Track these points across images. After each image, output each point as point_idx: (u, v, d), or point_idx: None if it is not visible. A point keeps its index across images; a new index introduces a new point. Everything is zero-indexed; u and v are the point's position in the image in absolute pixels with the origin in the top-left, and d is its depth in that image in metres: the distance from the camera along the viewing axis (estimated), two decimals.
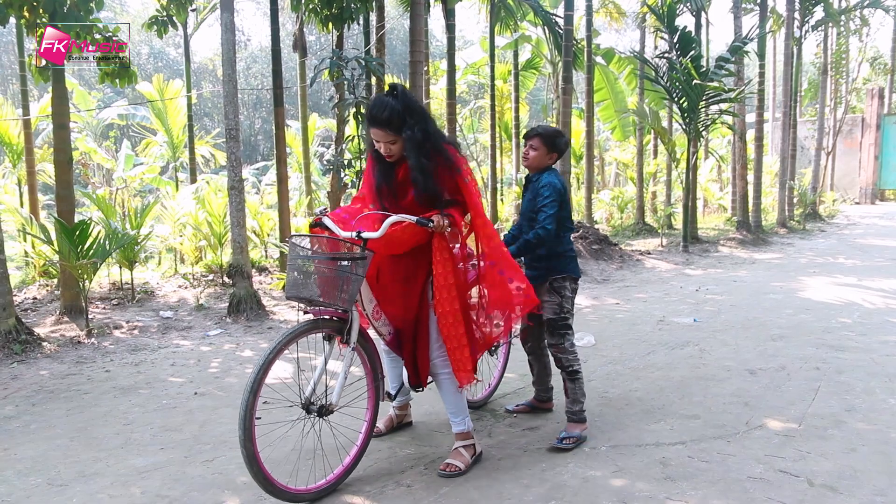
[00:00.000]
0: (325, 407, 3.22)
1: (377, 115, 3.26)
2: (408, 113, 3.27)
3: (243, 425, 2.90)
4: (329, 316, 3.25)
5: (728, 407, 4.32)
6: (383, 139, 3.31)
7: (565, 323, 3.87)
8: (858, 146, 27.14)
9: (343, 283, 3.13)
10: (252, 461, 2.92)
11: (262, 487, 3.00)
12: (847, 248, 13.28)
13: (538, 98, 30.65)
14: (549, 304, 3.86)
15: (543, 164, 3.90)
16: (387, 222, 3.23)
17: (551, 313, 3.86)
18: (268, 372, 3.01)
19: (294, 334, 3.12)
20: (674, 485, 3.25)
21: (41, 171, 13.67)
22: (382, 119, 3.25)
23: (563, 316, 3.86)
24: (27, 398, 4.83)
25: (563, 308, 3.86)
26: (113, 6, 38.10)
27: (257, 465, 2.94)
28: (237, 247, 7.39)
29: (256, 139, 44.05)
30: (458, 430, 3.56)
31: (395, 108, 3.25)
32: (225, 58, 7.43)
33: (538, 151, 3.87)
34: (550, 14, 14.55)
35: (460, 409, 3.55)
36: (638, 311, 7.55)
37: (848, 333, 6.23)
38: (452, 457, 3.50)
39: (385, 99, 3.29)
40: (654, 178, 19.27)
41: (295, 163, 19.82)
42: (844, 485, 3.23)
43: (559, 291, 3.86)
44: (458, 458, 3.48)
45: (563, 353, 3.86)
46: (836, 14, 19.37)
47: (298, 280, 3.18)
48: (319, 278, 3.16)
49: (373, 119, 3.29)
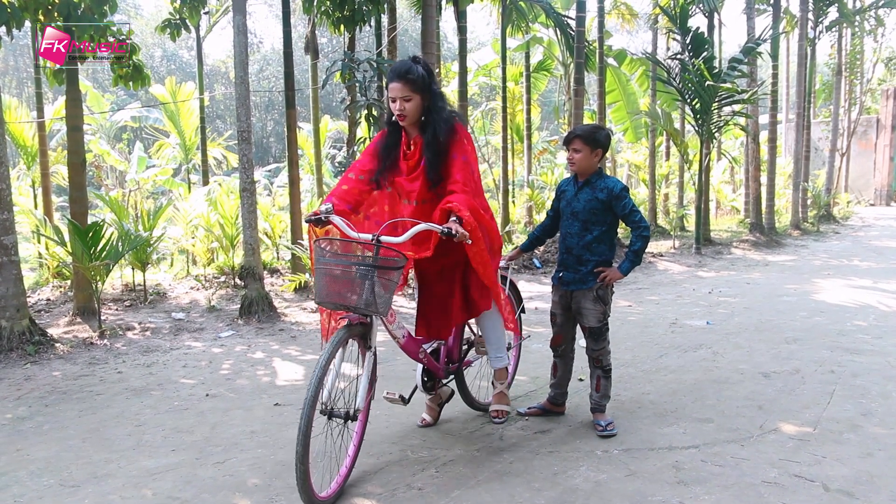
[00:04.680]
0: (349, 413, 3.20)
1: (399, 69, 3.42)
2: (429, 76, 3.47)
3: (303, 441, 2.88)
4: (357, 321, 3.25)
5: (742, 410, 4.28)
6: (400, 94, 3.40)
7: (607, 327, 3.91)
8: (873, 147, 26.93)
9: (376, 288, 3.11)
10: (305, 479, 2.91)
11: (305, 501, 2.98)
12: (862, 250, 13.16)
13: (550, 100, 30.59)
14: (594, 312, 3.85)
15: (591, 163, 3.84)
16: (412, 231, 3.25)
17: (595, 322, 3.85)
18: (322, 384, 3.01)
19: (339, 342, 3.11)
20: (687, 489, 3.22)
21: (55, 173, 13.78)
22: (402, 72, 3.40)
23: (605, 322, 3.89)
24: (40, 399, 4.85)
25: (605, 315, 3.87)
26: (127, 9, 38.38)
27: (308, 483, 2.93)
28: (249, 248, 7.41)
29: (268, 141, 44.22)
30: (499, 365, 3.93)
31: (417, 68, 3.43)
32: (237, 60, 7.46)
33: (581, 153, 3.80)
34: (562, 16, 14.52)
35: (502, 345, 3.91)
36: (650, 313, 7.50)
37: (863, 336, 6.17)
38: (498, 401, 3.90)
39: (408, 60, 3.49)
40: (666, 180, 19.18)
41: (307, 165, 19.86)
42: (861, 490, 3.19)
43: (604, 299, 3.85)
44: (504, 402, 3.90)
45: (604, 356, 3.92)
46: (851, 14, 19.22)
47: (331, 285, 3.15)
48: (355, 284, 3.11)
49: (394, 72, 3.43)
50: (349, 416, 3.20)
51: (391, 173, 3.61)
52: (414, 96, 3.41)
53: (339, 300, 3.14)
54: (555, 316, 4.05)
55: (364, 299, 3.10)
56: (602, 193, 3.79)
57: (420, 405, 4.23)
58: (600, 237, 3.83)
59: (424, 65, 3.49)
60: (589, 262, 3.83)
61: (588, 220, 3.83)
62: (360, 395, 3.26)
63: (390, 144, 3.60)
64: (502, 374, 3.96)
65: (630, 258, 3.76)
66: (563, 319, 4.01)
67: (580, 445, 3.78)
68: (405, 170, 3.60)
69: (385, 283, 3.14)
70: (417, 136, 3.56)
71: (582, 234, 3.85)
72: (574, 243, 3.88)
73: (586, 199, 3.83)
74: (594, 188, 3.82)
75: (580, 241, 3.85)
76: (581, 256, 3.85)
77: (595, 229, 3.83)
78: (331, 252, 3.23)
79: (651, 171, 16.87)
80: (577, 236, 3.87)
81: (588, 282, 3.84)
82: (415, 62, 3.47)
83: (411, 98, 3.40)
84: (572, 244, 3.89)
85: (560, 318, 4.02)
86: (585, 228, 3.84)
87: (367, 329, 3.29)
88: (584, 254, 3.84)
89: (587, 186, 3.85)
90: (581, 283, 3.85)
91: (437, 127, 3.46)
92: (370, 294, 3.09)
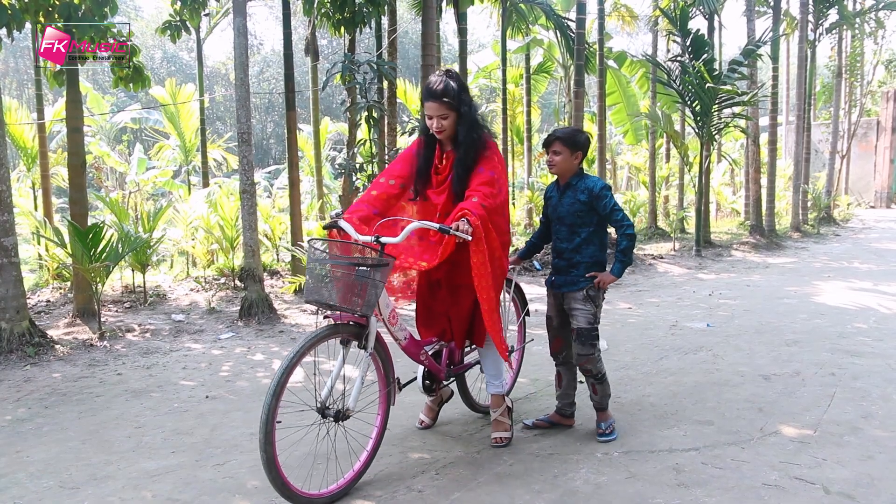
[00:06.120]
0: (341, 412, 3.21)
1: (434, 87, 3.44)
2: (463, 91, 3.48)
3: (265, 429, 2.89)
4: (348, 321, 3.25)
5: (742, 413, 4.28)
6: (436, 113, 3.45)
7: (596, 332, 3.83)
8: (873, 149, 26.93)
9: (361, 288, 3.12)
10: (271, 465, 2.92)
11: (279, 491, 2.99)
12: (862, 253, 13.15)
13: (550, 102, 30.62)
14: (584, 312, 3.80)
15: (571, 166, 3.83)
16: (407, 228, 3.26)
17: (585, 323, 3.80)
18: (290, 376, 3.02)
19: (315, 339, 3.12)
20: (687, 491, 3.22)
21: (55, 174, 13.77)
22: (438, 91, 3.42)
23: (595, 326, 3.82)
24: (40, 400, 4.85)
25: (596, 318, 3.82)
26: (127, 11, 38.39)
27: (276, 469, 2.94)
28: (249, 250, 7.41)
29: (268, 143, 44.21)
30: (494, 391, 3.89)
31: (452, 84, 3.45)
32: (237, 62, 7.46)
33: (561, 155, 3.80)
34: (562, 18, 14.53)
35: (499, 372, 3.89)
36: (650, 315, 7.50)
37: (864, 339, 6.16)
38: (496, 428, 3.83)
39: (442, 75, 3.49)
40: (666, 182, 19.17)
41: (307, 166, 19.84)
42: (861, 493, 3.19)
43: (594, 300, 3.81)
44: (502, 429, 3.83)
45: (593, 364, 3.83)
46: (851, 16, 19.21)
47: (318, 284, 3.18)
48: (338, 283, 3.15)
49: (430, 92, 3.45)
50: (340, 416, 3.21)
51: (424, 185, 3.67)
52: (450, 114, 3.47)
53: (322, 298, 3.17)
54: (550, 319, 4.03)
55: (350, 298, 3.11)
56: (583, 195, 3.77)
57: (417, 407, 4.23)
58: (588, 239, 3.81)
59: (457, 78, 3.53)
60: (580, 265, 3.82)
61: (574, 223, 3.82)
62: (353, 396, 3.26)
63: (427, 155, 3.65)
64: (497, 401, 3.90)
65: (619, 258, 3.73)
66: (559, 322, 3.98)
67: (580, 448, 3.78)
68: (434, 183, 3.66)
69: (371, 283, 3.13)
70: (450, 151, 3.62)
71: (570, 237, 3.84)
72: (563, 247, 3.87)
73: (569, 203, 3.83)
74: (575, 190, 3.81)
75: (569, 244, 3.84)
76: (571, 259, 3.83)
77: (582, 231, 3.81)
78: (321, 251, 3.27)
79: (651, 173, 16.87)
80: (566, 240, 3.86)
81: (579, 283, 3.82)
82: (448, 76, 3.50)
83: (447, 116, 3.47)
84: (562, 248, 3.88)
85: (556, 321, 4.00)
86: (573, 232, 3.82)
87: (362, 330, 3.29)
88: (574, 257, 3.83)
89: (569, 190, 3.85)
90: (573, 285, 3.84)
91: (469, 143, 3.51)
92: (356, 294, 3.11)
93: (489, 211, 3.40)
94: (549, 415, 4.16)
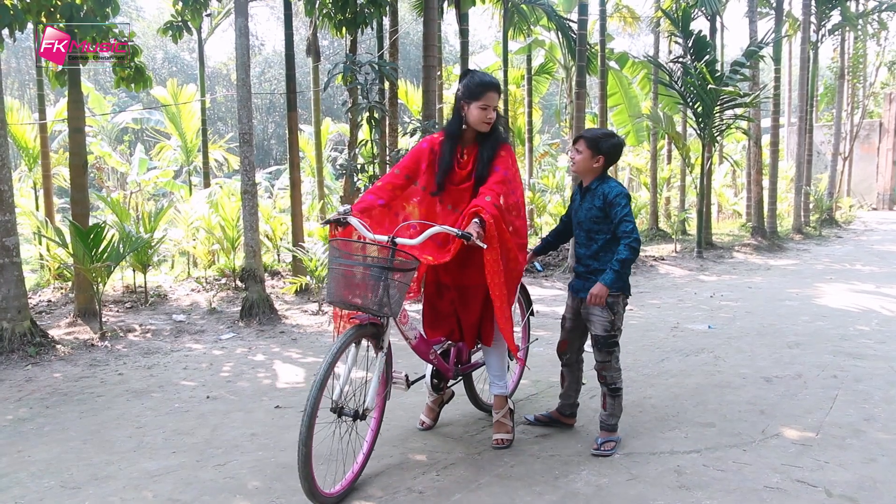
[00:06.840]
0: (358, 412, 3.22)
1: (493, 81, 3.60)
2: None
3: (307, 423, 2.92)
4: (368, 322, 3.27)
5: (744, 415, 4.27)
6: (494, 103, 3.58)
7: (615, 340, 3.76)
8: (876, 151, 26.93)
9: (389, 289, 3.13)
10: (306, 461, 2.93)
11: (306, 489, 2.99)
12: (864, 255, 13.14)
13: (551, 103, 30.60)
14: (601, 319, 3.72)
15: (589, 168, 3.76)
16: (427, 233, 3.28)
17: (602, 330, 3.73)
18: (328, 377, 3.04)
19: (347, 341, 3.13)
20: (689, 493, 3.21)
21: (56, 174, 13.79)
22: (496, 84, 3.59)
23: (613, 333, 3.74)
24: (41, 400, 4.85)
25: (614, 325, 3.73)
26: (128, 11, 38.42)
27: (309, 467, 2.95)
28: (250, 251, 7.40)
29: (270, 143, 44.25)
30: (498, 392, 3.87)
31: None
32: (239, 62, 7.46)
33: (582, 155, 3.74)
34: (564, 19, 14.51)
35: (503, 373, 3.89)
36: (652, 317, 7.49)
37: (866, 341, 6.15)
38: (497, 430, 3.84)
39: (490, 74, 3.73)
40: (667, 184, 19.16)
41: (308, 167, 19.85)
42: (864, 496, 3.18)
43: (612, 308, 3.71)
44: (503, 430, 3.83)
45: (609, 371, 3.78)
46: (854, 18, 19.21)
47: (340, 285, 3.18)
48: (364, 284, 3.14)
49: (491, 84, 3.58)
50: (358, 415, 3.21)
51: (447, 179, 3.69)
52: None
53: (350, 300, 3.17)
54: (565, 320, 4.00)
55: (376, 300, 3.13)
56: (599, 200, 3.70)
57: (418, 408, 4.23)
58: (605, 246, 3.72)
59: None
60: (598, 272, 3.72)
61: (591, 229, 3.76)
62: (371, 395, 3.28)
63: (450, 149, 3.69)
64: (500, 402, 3.89)
65: (613, 267, 3.57)
66: (573, 325, 3.94)
67: (582, 449, 3.77)
68: (457, 179, 3.68)
69: (398, 285, 3.17)
70: (471, 146, 3.68)
71: (588, 243, 3.78)
72: (582, 253, 3.83)
73: (587, 208, 3.77)
74: (594, 195, 3.74)
75: (587, 251, 3.79)
76: (590, 266, 3.77)
77: (599, 238, 3.73)
78: (344, 252, 3.24)
79: (653, 175, 16.87)
80: (584, 246, 3.81)
81: None
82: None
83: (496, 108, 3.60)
84: (581, 254, 3.84)
85: (569, 324, 3.96)
86: (590, 238, 3.77)
87: (380, 330, 3.32)
88: (592, 264, 3.76)
89: (588, 194, 3.79)
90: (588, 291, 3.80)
91: (496, 138, 3.64)
92: (383, 295, 3.12)
93: (502, 210, 3.46)
94: (551, 411, 4.18)
